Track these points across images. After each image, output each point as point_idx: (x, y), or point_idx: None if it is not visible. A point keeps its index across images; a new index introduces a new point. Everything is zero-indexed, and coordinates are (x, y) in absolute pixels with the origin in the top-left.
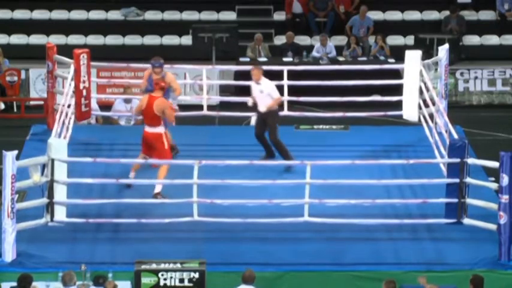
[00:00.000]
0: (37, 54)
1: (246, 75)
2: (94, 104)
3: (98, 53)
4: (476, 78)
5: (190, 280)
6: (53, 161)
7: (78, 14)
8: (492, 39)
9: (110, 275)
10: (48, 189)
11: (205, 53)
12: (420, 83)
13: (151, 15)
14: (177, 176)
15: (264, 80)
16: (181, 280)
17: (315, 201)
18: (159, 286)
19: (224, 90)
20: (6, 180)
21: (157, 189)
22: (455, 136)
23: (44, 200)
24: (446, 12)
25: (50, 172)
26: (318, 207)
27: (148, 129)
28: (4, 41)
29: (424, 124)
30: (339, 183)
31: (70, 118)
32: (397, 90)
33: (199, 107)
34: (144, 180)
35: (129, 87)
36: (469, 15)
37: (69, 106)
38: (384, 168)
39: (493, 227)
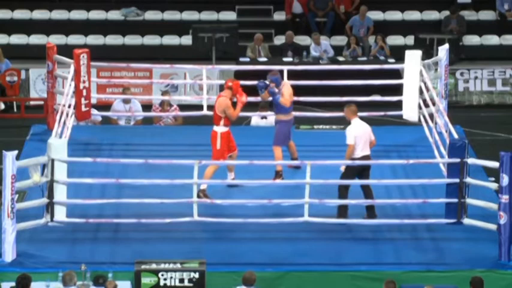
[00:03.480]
0: (37, 54)
1: (246, 75)
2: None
3: (98, 53)
4: (476, 78)
5: (190, 280)
6: (53, 161)
7: (78, 14)
8: (492, 39)
9: (110, 275)
10: (48, 189)
11: (205, 53)
12: (420, 83)
13: (151, 15)
14: (177, 176)
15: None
16: (181, 280)
17: (315, 201)
18: (159, 286)
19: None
20: (6, 180)
21: (203, 186)
22: (455, 136)
23: (44, 200)
24: (446, 12)
25: (50, 172)
26: (318, 207)
27: (213, 127)
28: (4, 41)
29: (424, 124)
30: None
31: (70, 118)
32: (397, 90)
33: (199, 107)
34: (144, 180)
35: (127, 88)
36: (469, 15)
37: (69, 106)
38: (384, 168)
39: (493, 227)
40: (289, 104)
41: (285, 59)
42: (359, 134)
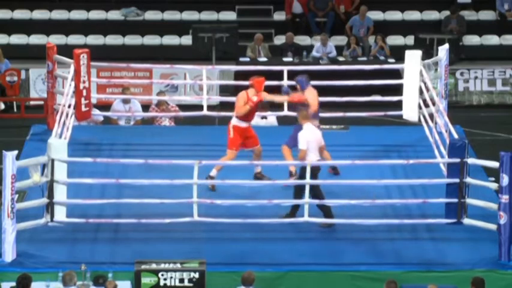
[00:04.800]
0: (37, 54)
1: (246, 75)
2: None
3: (98, 53)
4: (476, 78)
5: (190, 280)
6: (53, 161)
7: (78, 14)
8: (492, 39)
9: (110, 275)
10: (48, 189)
11: (205, 53)
12: (420, 83)
13: (151, 15)
14: (177, 176)
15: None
16: (181, 280)
17: (315, 201)
18: (159, 286)
19: (224, 90)
20: (6, 180)
21: (213, 172)
22: (455, 136)
23: (44, 200)
24: (446, 12)
25: (50, 172)
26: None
27: None
28: (4, 41)
29: (424, 124)
30: (339, 183)
31: (70, 118)
32: (397, 90)
33: (199, 107)
34: (144, 180)
35: (127, 88)
36: (469, 15)
37: (69, 106)
38: (384, 168)
39: (493, 227)
40: (314, 109)
41: (285, 59)
42: (311, 139)
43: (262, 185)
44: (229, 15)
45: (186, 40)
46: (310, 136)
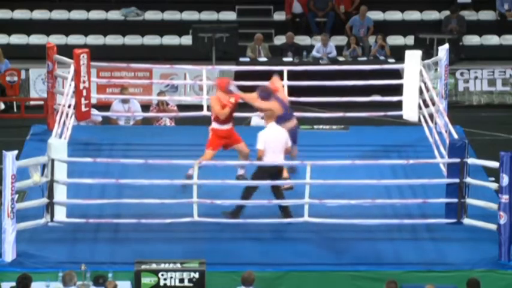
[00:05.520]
0: (37, 54)
1: (246, 75)
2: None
3: (98, 53)
4: (476, 78)
5: (190, 280)
6: (53, 161)
7: (78, 14)
8: (492, 39)
9: (110, 275)
10: (48, 189)
11: (205, 53)
12: (420, 83)
13: (151, 15)
14: (177, 176)
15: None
16: (181, 280)
17: (315, 201)
18: (159, 286)
19: None
20: (6, 180)
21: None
22: (455, 136)
23: (44, 200)
24: (446, 12)
25: (50, 172)
26: (318, 207)
27: None
28: (4, 41)
29: (424, 124)
30: (339, 183)
31: (70, 118)
32: (397, 90)
33: (199, 107)
34: (144, 180)
35: (126, 88)
36: (469, 15)
37: (69, 106)
38: (383, 168)
39: (493, 227)
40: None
41: (285, 59)
42: (270, 140)
43: (262, 185)
44: (229, 15)
45: (186, 40)
46: (269, 136)
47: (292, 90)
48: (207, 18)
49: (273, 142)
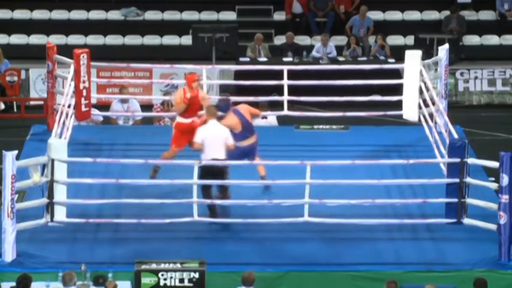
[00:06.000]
0: (37, 54)
1: (246, 75)
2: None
3: (98, 53)
4: (476, 78)
5: (190, 280)
6: (53, 161)
7: (78, 14)
8: (492, 39)
9: (110, 275)
10: (48, 189)
11: (205, 53)
12: (420, 83)
13: (151, 15)
14: (177, 176)
15: None
16: (181, 280)
17: (315, 201)
18: (159, 286)
19: (224, 90)
20: (6, 180)
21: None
22: (455, 136)
23: (44, 200)
24: (446, 12)
25: (50, 172)
26: (318, 207)
27: None
28: (4, 41)
29: (424, 124)
30: (339, 183)
31: (70, 118)
32: (397, 90)
33: None
34: (144, 180)
35: (125, 87)
36: (469, 15)
37: (69, 106)
38: (384, 168)
39: (493, 227)
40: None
41: (285, 59)
42: (207, 136)
43: (262, 185)
44: (229, 15)
45: (186, 40)
46: (207, 133)
47: (292, 90)
48: (207, 18)
49: (211, 139)
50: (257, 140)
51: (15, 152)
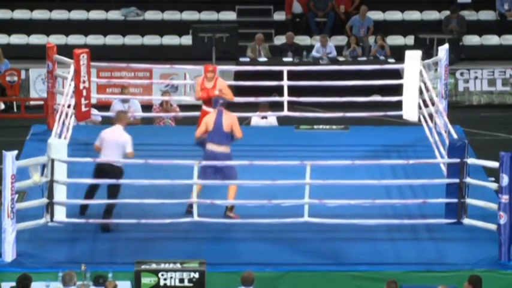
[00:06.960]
0: (37, 54)
1: (246, 75)
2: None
3: (98, 53)
4: (476, 78)
5: (190, 280)
6: (53, 161)
7: (78, 14)
8: (492, 39)
9: (110, 275)
10: (48, 189)
11: (205, 53)
12: (420, 83)
13: (151, 15)
14: (177, 176)
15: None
16: (181, 280)
17: (315, 201)
18: (159, 286)
19: None
20: (6, 180)
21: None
22: (455, 136)
23: (44, 200)
24: (447, 12)
25: (50, 172)
26: (318, 207)
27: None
28: (4, 41)
29: (424, 124)
30: (339, 183)
31: (70, 118)
32: (397, 90)
33: (199, 107)
34: (144, 180)
35: (126, 87)
36: (469, 15)
37: (69, 106)
38: (384, 168)
39: (493, 227)
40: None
41: (285, 59)
42: (105, 138)
43: (262, 185)
44: (229, 15)
45: (186, 40)
46: (107, 136)
47: (292, 90)
48: (207, 18)
49: (108, 142)
50: (230, 155)
51: (15, 152)
